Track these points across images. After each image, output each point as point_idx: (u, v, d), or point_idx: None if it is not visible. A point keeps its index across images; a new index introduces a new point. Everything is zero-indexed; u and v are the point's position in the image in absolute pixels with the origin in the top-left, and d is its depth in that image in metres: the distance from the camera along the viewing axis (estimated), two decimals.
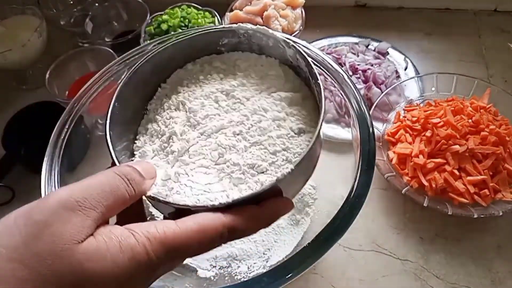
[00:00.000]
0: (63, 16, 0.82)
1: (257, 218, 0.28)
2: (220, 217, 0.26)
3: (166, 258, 0.24)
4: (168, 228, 0.24)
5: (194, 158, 0.34)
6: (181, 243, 0.24)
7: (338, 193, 0.40)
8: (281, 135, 0.34)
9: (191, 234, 0.25)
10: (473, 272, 0.52)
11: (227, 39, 0.41)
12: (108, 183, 0.25)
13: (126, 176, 0.26)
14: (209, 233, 0.25)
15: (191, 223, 0.25)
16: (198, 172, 0.33)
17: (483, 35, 0.77)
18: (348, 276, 0.53)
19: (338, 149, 0.59)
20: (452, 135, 0.53)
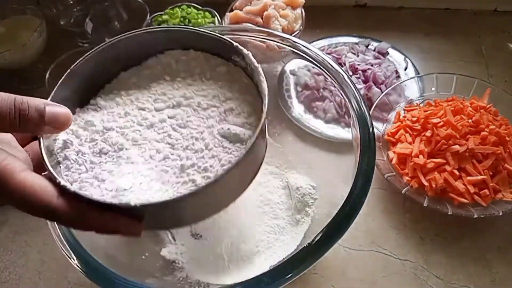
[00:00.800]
0: (63, 16, 0.82)
1: (86, 221, 0.27)
2: (52, 196, 0.27)
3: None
4: (12, 166, 0.26)
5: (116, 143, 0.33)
6: (9, 186, 0.26)
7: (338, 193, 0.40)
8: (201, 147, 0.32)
9: (21, 187, 0.26)
10: (473, 272, 0.52)
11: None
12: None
13: (21, 109, 0.27)
14: (34, 199, 0.26)
15: (29, 180, 0.26)
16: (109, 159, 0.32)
17: (483, 35, 0.77)
18: (348, 276, 0.53)
19: (338, 149, 0.59)
20: (452, 135, 0.53)
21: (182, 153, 0.32)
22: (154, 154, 0.32)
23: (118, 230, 0.28)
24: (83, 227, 0.28)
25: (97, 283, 0.36)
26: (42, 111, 0.28)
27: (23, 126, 0.27)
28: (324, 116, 0.65)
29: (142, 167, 0.32)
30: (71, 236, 0.39)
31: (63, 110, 0.30)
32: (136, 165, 0.32)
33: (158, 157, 0.32)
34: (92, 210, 0.27)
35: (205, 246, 0.52)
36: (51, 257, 0.58)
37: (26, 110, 0.27)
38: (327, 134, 0.62)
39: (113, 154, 0.32)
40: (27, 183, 0.26)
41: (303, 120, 0.64)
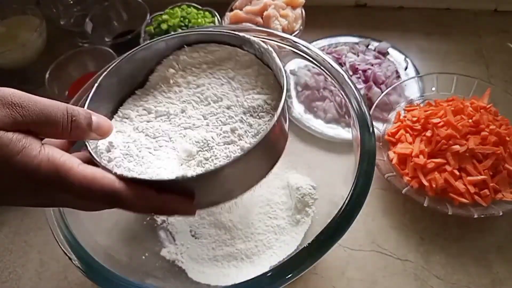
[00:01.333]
0: (63, 16, 0.82)
1: (147, 200, 0.29)
2: (114, 181, 0.28)
3: (53, 182, 0.27)
4: (69, 161, 0.27)
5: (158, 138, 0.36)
6: (69, 179, 0.27)
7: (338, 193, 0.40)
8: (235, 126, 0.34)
9: (82, 177, 0.27)
10: (473, 272, 0.52)
11: None
12: (52, 108, 0.28)
13: (73, 116, 0.29)
14: (96, 187, 0.28)
15: (89, 170, 0.28)
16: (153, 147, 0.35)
17: (483, 35, 0.77)
18: (348, 276, 0.53)
19: (338, 149, 0.59)
20: (452, 135, 0.53)
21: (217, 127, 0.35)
22: (191, 132, 0.35)
23: (176, 209, 0.30)
24: (145, 209, 0.29)
25: (97, 283, 0.36)
26: (89, 119, 0.31)
27: (74, 131, 0.29)
28: (324, 116, 0.65)
29: (183, 145, 0.34)
30: (71, 236, 0.39)
31: (105, 120, 0.33)
32: (177, 144, 0.34)
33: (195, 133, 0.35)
34: (151, 191, 0.29)
35: (205, 246, 0.52)
36: (51, 257, 0.58)
37: (77, 117, 0.30)
38: (327, 134, 0.62)
39: (155, 142, 0.35)
40: (87, 172, 0.28)
41: (303, 120, 0.64)
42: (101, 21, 0.79)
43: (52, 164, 0.27)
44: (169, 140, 0.35)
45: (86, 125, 0.30)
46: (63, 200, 0.29)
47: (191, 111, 0.37)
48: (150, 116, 0.38)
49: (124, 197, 0.28)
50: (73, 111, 0.29)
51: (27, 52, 0.72)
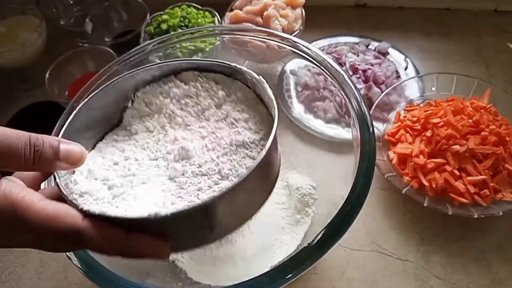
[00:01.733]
0: (63, 16, 0.82)
1: (114, 240, 0.26)
2: (78, 218, 0.26)
3: (10, 221, 0.25)
4: (29, 197, 0.25)
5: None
6: (28, 215, 0.25)
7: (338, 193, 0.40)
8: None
9: (42, 215, 0.25)
10: (473, 272, 0.52)
11: None
12: (13, 138, 0.26)
13: (36, 145, 0.27)
14: (58, 224, 0.25)
15: (51, 206, 0.26)
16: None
17: (483, 35, 0.77)
18: (348, 276, 0.53)
19: (338, 149, 0.59)
20: (452, 135, 0.53)
21: (199, 165, 0.33)
22: (171, 171, 0.33)
23: (147, 252, 0.27)
24: (112, 250, 0.27)
25: (97, 283, 0.36)
26: (56, 148, 0.28)
27: (37, 163, 0.27)
28: (324, 116, 0.65)
29: (158, 186, 0.32)
30: None
31: (76, 148, 0.30)
32: (153, 183, 0.32)
33: (175, 171, 0.33)
34: (119, 230, 0.26)
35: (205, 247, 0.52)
36: (51, 257, 0.58)
37: (41, 146, 0.27)
38: (327, 134, 0.62)
39: (130, 178, 0.33)
40: (49, 209, 0.25)
41: (303, 120, 0.64)
42: (101, 21, 0.79)
43: (9, 201, 0.25)
44: (149, 177, 0.33)
45: (52, 155, 0.28)
46: (24, 240, 0.26)
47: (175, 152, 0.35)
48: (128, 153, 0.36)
49: (89, 237, 0.26)
50: (36, 141, 0.27)
51: (27, 52, 0.72)
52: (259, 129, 0.35)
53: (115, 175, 0.33)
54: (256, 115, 0.36)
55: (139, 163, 0.34)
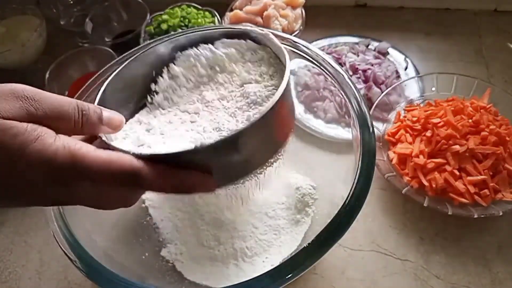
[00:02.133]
0: (63, 16, 0.82)
1: (167, 177, 0.29)
2: (131, 160, 0.28)
3: (71, 169, 0.27)
4: (85, 147, 0.27)
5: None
6: (86, 162, 0.27)
7: (338, 193, 0.40)
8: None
9: (99, 161, 0.27)
10: (473, 272, 0.52)
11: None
12: (63, 103, 0.29)
13: (83, 110, 0.30)
14: (114, 167, 0.27)
15: (104, 154, 0.28)
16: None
17: (483, 35, 0.77)
18: (348, 276, 0.53)
19: (338, 149, 0.59)
20: (452, 135, 0.53)
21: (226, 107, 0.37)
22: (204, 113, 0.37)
23: (196, 184, 0.29)
24: (165, 186, 0.29)
25: (97, 283, 0.36)
26: (100, 114, 0.31)
27: (85, 125, 0.30)
28: (324, 116, 0.65)
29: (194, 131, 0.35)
30: (71, 236, 0.39)
31: (116, 114, 0.33)
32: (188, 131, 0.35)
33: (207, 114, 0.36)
34: (169, 167, 0.28)
35: (205, 246, 0.52)
36: (51, 257, 0.58)
37: (88, 111, 0.30)
38: (327, 134, 0.62)
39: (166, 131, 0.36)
40: (104, 155, 0.27)
41: (303, 120, 0.64)
42: (101, 21, 0.79)
43: (67, 151, 0.27)
44: (184, 122, 0.36)
45: (97, 119, 0.31)
46: (84, 189, 0.28)
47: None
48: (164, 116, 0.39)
49: (143, 175, 0.28)
50: (83, 106, 0.30)
51: (27, 52, 0.72)
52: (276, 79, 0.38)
53: (152, 132, 0.36)
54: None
55: (172, 124, 0.37)
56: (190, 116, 0.37)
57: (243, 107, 0.36)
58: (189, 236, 0.53)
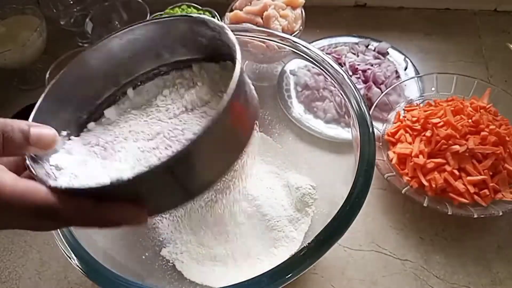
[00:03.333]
0: (63, 16, 0.82)
1: (86, 212, 0.26)
2: (47, 195, 0.26)
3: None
4: (2, 176, 0.26)
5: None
6: (3, 196, 0.25)
7: (338, 193, 0.40)
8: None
9: (13, 192, 0.26)
10: (473, 272, 0.52)
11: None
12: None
13: (4, 131, 0.27)
14: (29, 200, 0.26)
15: (21, 183, 0.26)
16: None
17: (483, 35, 0.77)
18: (348, 276, 0.53)
19: (338, 149, 0.59)
20: (452, 135, 0.53)
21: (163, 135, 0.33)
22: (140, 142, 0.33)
23: (123, 219, 0.27)
24: (84, 221, 0.27)
25: (97, 283, 0.36)
26: (26, 132, 0.28)
27: (7, 147, 0.27)
28: (324, 116, 0.65)
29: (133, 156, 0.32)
30: (71, 236, 0.39)
31: (48, 131, 0.30)
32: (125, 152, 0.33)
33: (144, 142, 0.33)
34: (88, 200, 0.26)
35: (205, 246, 0.52)
36: (51, 257, 0.58)
37: (10, 132, 0.27)
38: (327, 134, 0.62)
39: (101, 151, 0.33)
40: (19, 186, 0.26)
41: (303, 120, 0.64)
42: (101, 21, 0.79)
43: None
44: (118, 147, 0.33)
45: (22, 139, 0.28)
46: (6, 220, 0.27)
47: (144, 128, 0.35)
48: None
49: (60, 210, 0.26)
50: (5, 126, 0.27)
51: (27, 52, 0.72)
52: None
53: (91, 150, 0.34)
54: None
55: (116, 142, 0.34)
56: (141, 136, 0.34)
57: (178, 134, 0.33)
58: (189, 236, 0.53)
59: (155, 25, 0.36)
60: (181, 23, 0.36)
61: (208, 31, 0.35)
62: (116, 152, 0.33)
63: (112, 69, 0.37)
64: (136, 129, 0.35)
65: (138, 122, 0.36)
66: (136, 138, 0.34)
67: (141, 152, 0.32)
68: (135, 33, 0.37)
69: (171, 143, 0.32)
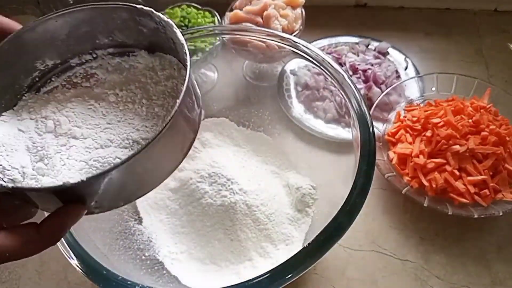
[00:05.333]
0: None
1: (35, 241, 0.25)
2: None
3: None
4: None
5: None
6: None
7: (338, 193, 0.40)
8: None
9: None
10: (473, 272, 0.52)
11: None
12: None
13: None
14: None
15: None
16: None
17: (483, 35, 0.77)
18: (348, 276, 0.53)
19: (338, 149, 0.59)
20: (452, 135, 0.53)
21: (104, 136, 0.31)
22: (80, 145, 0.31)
23: (71, 219, 0.26)
24: (47, 244, 0.26)
25: (97, 283, 0.36)
26: None
27: None
28: (324, 116, 0.65)
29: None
30: (71, 236, 0.39)
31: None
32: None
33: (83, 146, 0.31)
34: (29, 231, 0.25)
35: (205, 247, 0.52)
36: (51, 257, 0.58)
37: None
38: (327, 134, 0.62)
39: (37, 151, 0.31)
40: None
41: (303, 120, 0.64)
42: None
43: None
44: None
45: None
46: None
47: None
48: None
49: (8, 251, 0.24)
50: None
51: None
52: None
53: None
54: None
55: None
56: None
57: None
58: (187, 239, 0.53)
59: (95, 11, 0.34)
60: (123, 12, 0.34)
61: (152, 23, 0.34)
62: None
63: (44, 49, 0.34)
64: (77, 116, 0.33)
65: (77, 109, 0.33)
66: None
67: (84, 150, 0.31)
68: (72, 16, 0.34)
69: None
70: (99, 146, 0.30)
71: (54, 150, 0.30)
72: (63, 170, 0.29)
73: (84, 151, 0.30)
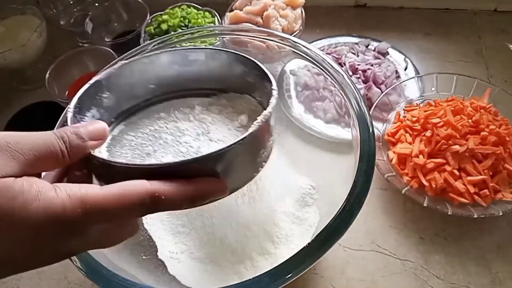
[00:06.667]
0: (63, 16, 0.82)
1: (183, 191, 0.27)
2: (144, 184, 0.26)
3: (84, 217, 0.24)
4: (90, 189, 0.25)
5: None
6: (100, 204, 0.25)
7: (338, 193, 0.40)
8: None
9: (111, 197, 0.25)
10: (473, 272, 0.52)
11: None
12: (44, 138, 0.26)
13: (62, 138, 0.27)
14: (130, 198, 0.25)
15: (114, 188, 0.26)
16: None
17: (483, 35, 0.77)
18: (348, 276, 0.53)
19: (338, 149, 0.59)
20: (452, 135, 0.53)
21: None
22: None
23: (212, 192, 0.29)
24: (184, 200, 0.27)
25: (97, 283, 0.36)
26: (77, 131, 0.28)
27: (71, 152, 0.27)
28: (324, 116, 0.65)
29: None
30: None
31: (94, 123, 0.30)
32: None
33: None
34: (181, 180, 0.27)
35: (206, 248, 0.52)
36: None
37: (66, 137, 0.27)
38: (327, 134, 0.62)
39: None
40: (113, 189, 0.25)
41: (303, 120, 0.64)
42: (101, 21, 0.79)
43: (76, 200, 0.24)
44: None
45: (79, 140, 0.28)
46: (94, 234, 0.26)
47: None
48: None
49: (162, 194, 0.26)
50: (60, 133, 0.27)
51: (27, 52, 0.72)
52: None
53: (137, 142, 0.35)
54: None
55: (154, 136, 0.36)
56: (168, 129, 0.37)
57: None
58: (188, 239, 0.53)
59: (213, 56, 0.40)
60: (239, 65, 0.41)
61: (250, 71, 0.40)
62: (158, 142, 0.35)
63: (153, 81, 0.40)
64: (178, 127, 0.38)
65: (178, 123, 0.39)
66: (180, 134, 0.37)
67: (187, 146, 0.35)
68: (192, 56, 0.40)
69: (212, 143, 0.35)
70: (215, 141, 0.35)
71: (192, 139, 0.36)
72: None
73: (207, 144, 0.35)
